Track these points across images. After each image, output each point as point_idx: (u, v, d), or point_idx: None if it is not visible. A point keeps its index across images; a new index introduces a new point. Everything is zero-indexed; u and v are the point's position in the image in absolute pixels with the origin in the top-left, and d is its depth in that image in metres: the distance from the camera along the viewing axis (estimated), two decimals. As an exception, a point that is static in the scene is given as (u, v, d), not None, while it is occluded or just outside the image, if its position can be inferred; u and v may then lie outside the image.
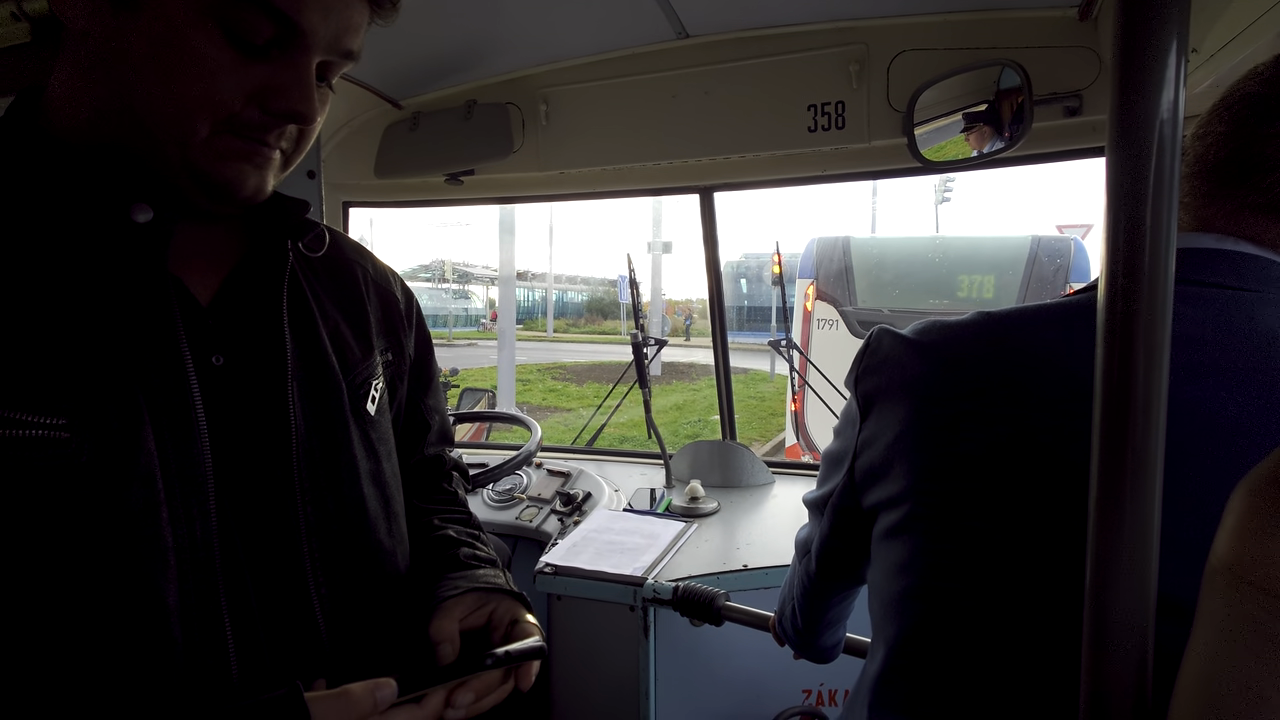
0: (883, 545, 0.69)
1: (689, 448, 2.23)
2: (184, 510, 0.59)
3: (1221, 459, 0.53)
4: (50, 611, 0.55)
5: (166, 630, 0.58)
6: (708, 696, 1.58)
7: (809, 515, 0.87)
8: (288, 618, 0.66)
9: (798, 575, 0.89)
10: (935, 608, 0.64)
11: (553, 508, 2.06)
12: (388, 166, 2.06)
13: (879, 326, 0.73)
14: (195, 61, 0.57)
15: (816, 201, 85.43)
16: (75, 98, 0.61)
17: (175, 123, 0.58)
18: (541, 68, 1.93)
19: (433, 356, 0.95)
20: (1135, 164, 0.40)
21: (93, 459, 0.55)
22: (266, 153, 0.64)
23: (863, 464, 0.71)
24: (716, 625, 1.36)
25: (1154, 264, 0.40)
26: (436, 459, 0.96)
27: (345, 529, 0.72)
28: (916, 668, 0.66)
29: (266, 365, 0.68)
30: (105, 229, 0.60)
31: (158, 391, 0.59)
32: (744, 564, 1.56)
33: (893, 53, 1.66)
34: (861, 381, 0.71)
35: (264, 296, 0.70)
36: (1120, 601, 0.42)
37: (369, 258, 0.87)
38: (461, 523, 0.92)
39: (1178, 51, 0.39)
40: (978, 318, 0.66)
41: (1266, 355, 0.56)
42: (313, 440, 0.70)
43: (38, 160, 0.60)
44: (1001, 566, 0.59)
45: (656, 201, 16.93)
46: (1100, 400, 0.42)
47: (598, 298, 36.93)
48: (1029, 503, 0.58)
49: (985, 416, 0.61)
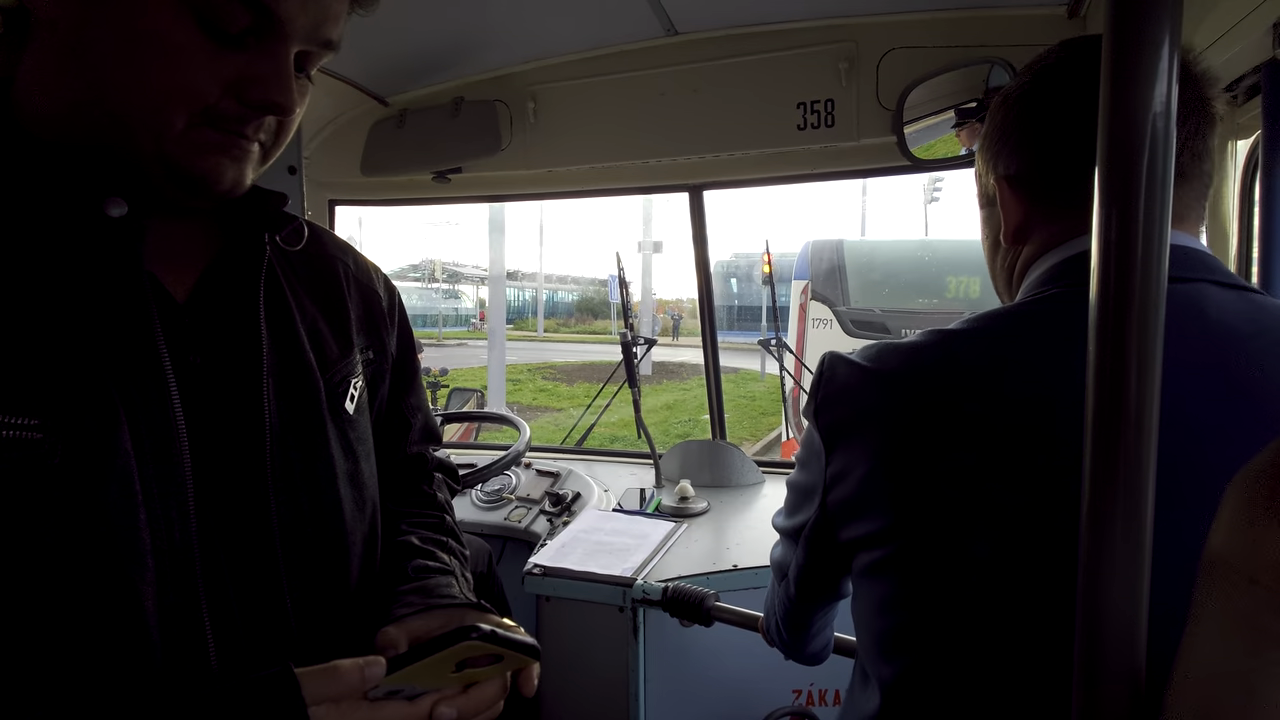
0: (865, 581, 0.68)
1: (679, 447, 2.22)
2: (163, 512, 0.58)
3: (1185, 454, 0.53)
4: (27, 614, 0.53)
5: (145, 634, 0.57)
6: (698, 697, 1.57)
7: (781, 540, 0.84)
8: (263, 620, 0.65)
9: (778, 596, 0.87)
10: (929, 649, 0.62)
11: (541, 508, 2.05)
12: (374, 164, 2.04)
13: (830, 353, 0.71)
14: (168, 51, 0.55)
15: (806, 201, 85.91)
16: (44, 89, 0.59)
17: (149, 115, 0.56)
18: (529, 65, 1.92)
19: (414, 353, 0.93)
20: (1127, 161, 0.40)
21: (66, 460, 0.54)
22: (245, 145, 0.62)
23: (835, 498, 0.68)
24: (706, 626, 1.35)
25: (1146, 261, 0.40)
26: (419, 458, 0.94)
27: (320, 530, 0.71)
28: (916, 712, 0.64)
29: (242, 363, 0.66)
30: (78, 223, 0.58)
31: (134, 390, 0.58)
32: (734, 564, 1.56)
33: (882, 50, 1.66)
34: (822, 414, 0.69)
35: (240, 293, 0.68)
36: (1113, 601, 0.41)
37: (351, 253, 0.86)
38: (430, 528, 0.89)
39: (1169, 47, 0.39)
40: (932, 337, 0.65)
41: (1220, 347, 0.56)
42: (288, 439, 0.69)
43: (6, 153, 0.59)
44: (993, 598, 0.58)
45: (647, 201, 16.94)
46: (1092, 397, 0.41)
47: (588, 297, 36.90)
48: (1013, 524, 0.57)
49: (953, 442, 0.60)
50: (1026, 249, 0.72)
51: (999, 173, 0.72)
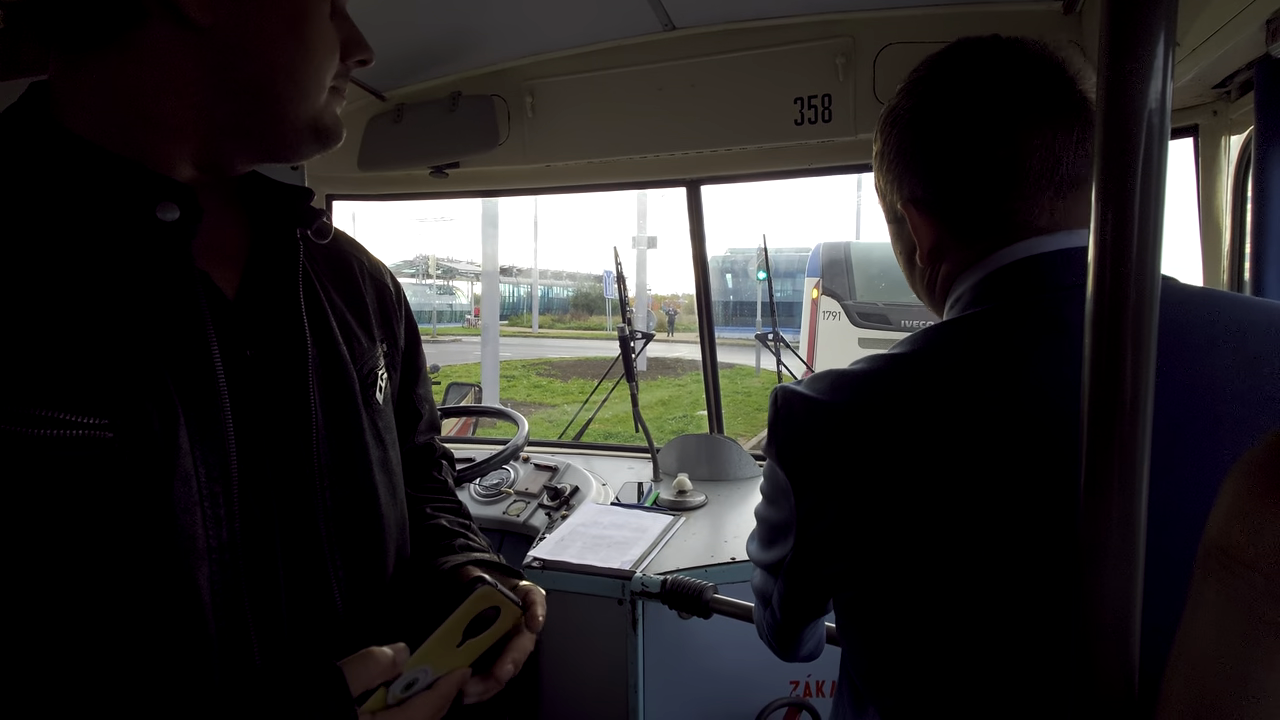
0: (852, 614, 0.67)
1: (676, 441, 2.23)
2: (212, 510, 0.60)
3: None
4: (96, 613, 0.55)
5: (203, 626, 0.58)
6: (696, 688, 1.59)
7: (759, 570, 0.82)
8: (309, 600, 0.68)
9: (764, 620, 0.86)
10: (926, 680, 0.62)
11: (540, 502, 2.05)
12: (371, 159, 2.04)
13: (782, 388, 0.69)
14: (322, 29, 0.66)
15: (800, 195, 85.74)
16: (108, 99, 0.61)
17: (313, 85, 0.66)
18: (526, 59, 1.92)
19: (420, 346, 0.97)
20: (1122, 157, 0.40)
21: (136, 459, 0.56)
22: (342, 97, 0.72)
23: (810, 536, 0.67)
24: (705, 618, 1.36)
25: (1141, 256, 0.40)
26: (427, 447, 0.98)
27: (359, 514, 0.74)
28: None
29: (289, 356, 0.69)
30: (132, 229, 0.60)
31: (190, 390, 0.60)
32: (732, 556, 1.57)
33: (879, 45, 1.67)
34: (783, 454, 0.67)
35: (282, 287, 0.71)
36: (1108, 589, 0.42)
37: (361, 250, 0.89)
38: (452, 512, 0.94)
39: (1165, 43, 0.39)
40: (880, 363, 0.65)
41: (1174, 346, 0.55)
42: (330, 429, 0.72)
43: (61, 159, 0.60)
44: (986, 622, 0.58)
45: (641, 196, 16.88)
46: (1088, 391, 0.42)
47: (584, 292, 36.79)
48: (997, 544, 0.57)
49: (914, 472, 0.59)
50: (944, 266, 0.72)
51: (904, 195, 0.72)
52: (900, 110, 0.72)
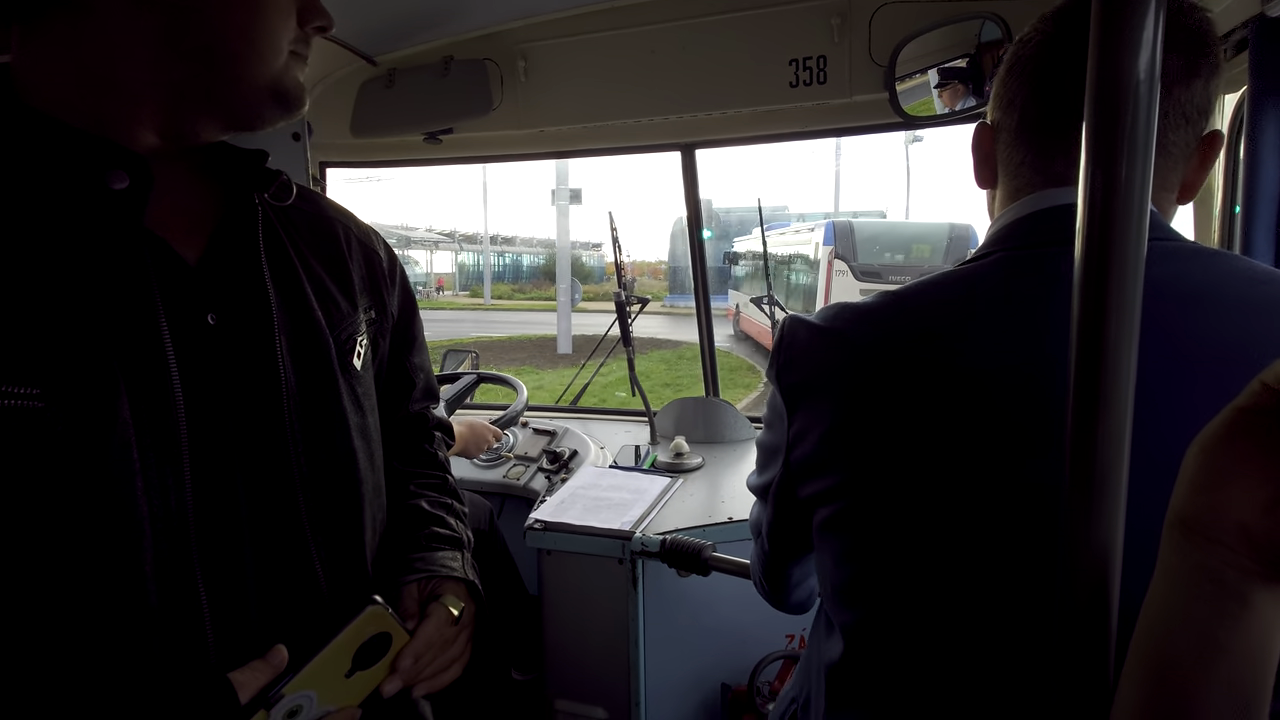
0: (824, 534, 0.70)
1: (673, 405, 2.25)
2: (158, 479, 0.60)
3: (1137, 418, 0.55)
4: (29, 579, 0.56)
5: (143, 598, 0.59)
6: (694, 643, 1.64)
7: (755, 498, 0.87)
8: (286, 569, 0.68)
9: (757, 559, 0.90)
10: (884, 598, 0.65)
11: (540, 465, 2.08)
12: (364, 125, 2.02)
13: (790, 316, 0.73)
14: None
15: (784, 156, 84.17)
16: (66, 69, 0.61)
17: (269, 49, 0.66)
18: (519, 22, 1.89)
19: (417, 315, 0.96)
20: (1112, 122, 0.41)
21: (68, 429, 0.56)
22: (304, 61, 0.72)
23: (796, 457, 0.70)
24: (704, 575, 1.40)
25: (1126, 220, 0.42)
26: (420, 416, 0.98)
27: (336, 481, 0.74)
28: (874, 659, 0.67)
29: (253, 320, 0.69)
30: (83, 198, 0.60)
31: (134, 359, 0.60)
32: (729, 516, 1.60)
33: (874, 6, 1.65)
34: (783, 376, 0.71)
35: (244, 252, 0.71)
36: (1091, 534, 0.44)
37: (350, 217, 0.89)
38: (436, 490, 0.93)
39: (1155, 10, 0.40)
40: (885, 298, 0.67)
41: (1157, 306, 0.56)
42: (303, 394, 0.71)
43: (16, 135, 0.60)
44: (944, 549, 0.61)
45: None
46: (1075, 349, 0.44)
47: (552, 259, 36.11)
48: (964, 477, 0.60)
49: (904, 401, 0.62)
50: (996, 199, 0.74)
51: (988, 117, 0.74)
52: (1028, 36, 0.71)
